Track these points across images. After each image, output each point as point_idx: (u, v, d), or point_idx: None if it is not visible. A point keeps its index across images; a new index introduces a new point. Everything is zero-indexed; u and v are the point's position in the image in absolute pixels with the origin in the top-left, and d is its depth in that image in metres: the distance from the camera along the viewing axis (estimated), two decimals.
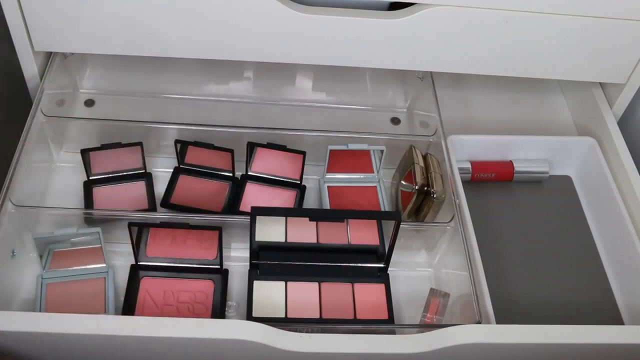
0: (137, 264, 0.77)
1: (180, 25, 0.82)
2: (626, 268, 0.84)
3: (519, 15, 0.83)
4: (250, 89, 0.99)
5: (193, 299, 0.76)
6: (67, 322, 0.64)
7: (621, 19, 0.84)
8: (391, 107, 0.99)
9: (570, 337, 0.70)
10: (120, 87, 0.96)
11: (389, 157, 0.88)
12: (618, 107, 0.95)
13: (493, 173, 0.92)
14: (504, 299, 0.80)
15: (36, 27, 0.82)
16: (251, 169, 0.88)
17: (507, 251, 0.86)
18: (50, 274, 0.77)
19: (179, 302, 0.76)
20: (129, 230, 0.73)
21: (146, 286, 0.77)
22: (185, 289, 0.77)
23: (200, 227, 0.75)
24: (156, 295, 0.76)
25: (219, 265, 0.77)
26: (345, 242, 0.80)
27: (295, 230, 0.80)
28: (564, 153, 0.94)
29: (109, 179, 0.86)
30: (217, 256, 0.77)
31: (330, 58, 0.87)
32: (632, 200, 0.86)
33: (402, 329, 0.76)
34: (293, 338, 0.67)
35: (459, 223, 0.79)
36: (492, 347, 0.70)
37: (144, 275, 0.77)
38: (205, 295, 0.76)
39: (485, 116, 1.00)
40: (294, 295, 0.77)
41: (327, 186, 0.88)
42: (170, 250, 0.78)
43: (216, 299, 0.76)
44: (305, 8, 0.82)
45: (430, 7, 0.81)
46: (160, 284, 0.77)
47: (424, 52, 0.86)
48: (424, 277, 0.83)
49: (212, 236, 0.76)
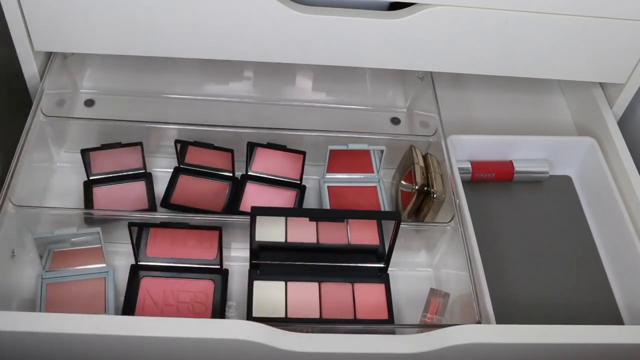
0: (137, 264, 0.77)
1: (181, 25, 0.82)
2: (626, 268, 0.84)
3: (519, 15, 0.83)
4: (250, 89, 0.99)
5: (193, 298, 0.76)
6: (67, 322, 0.64)
7: (621, 19, 0.84)
8: (391, 107, 0.99)
9: (570, 337, 0.70)
10: (120, 87, 0.96)
11: (389, 157, 0.88)
12: (618, 107, 0.95)
13: (493, 173, 0.92)
14: (504, 299, 0.80)
15: (36, 27, 0.82)
16: (251, 169, 0.88)
17: (507, 251, 0.86)
18: (50, 274, 0.77)
19: (179, 302, 0.76)
20: (129, 230, 0.73)
21: (146, 286, 0.76)
22: (185, 289, 0.77)
23: (200, 227, 0.75)
24: (156, 295, 0.76)
25: (219, 265, 0.77)
26: (345, 242, 0.80)
27: (295, 230, 0.80)
28: (564, 153, 0.94)
29: (109, 179, 0.86)
30: (217, 256, 0.77)
31: (330, 58, 0.87)
32: (632, 200, 0.86)
33: (402, 329, 0.76)
34: (293, 338, 0.67)
35: (459, 223, 0.79)
36: (492, 347, 0.70)
37: (144, 276, 0.77)
38: (205, 295, 0.76)
39: (485, 116, 1.00)
40: (294, 295, 0.77)
41: (327, 186, 0.88)
42: (170, 250, 0.78)
43: (216, 299, 0.76)
44: (305, 8, 0.82)
45: (430, 7, 0.81)
46: (160, 284, 0.77)
47: (424, 52, 0.86)
48: (424, 277, 0.83)
49: (212, 236, 0.76)
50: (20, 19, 0.81)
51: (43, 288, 0.75)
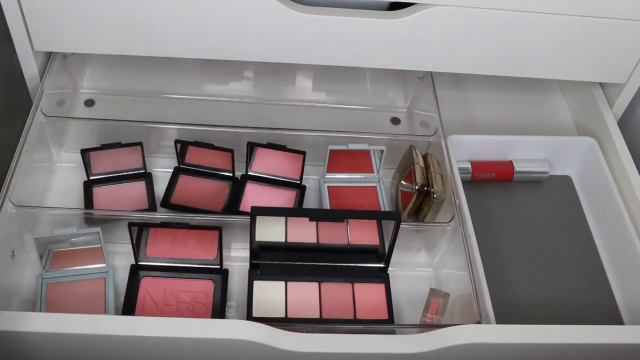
0: (137, 264, 0.77)
1: (181, 25, 0.82)
2: (626, 268, 0.84)
3: (519, 15, 0.83)
4: (250, 89, 0.99)
5: (193, 298, 0.76)
6: (67, 322, 0.65)
7: (621, 19, 0.84)
8: (391, 107, 0.99)
9: (570, 337, 0.70)
10: (120, 87, 0.96)
11: (389, 157, 0.88)
12: (618, 107, 0.95)
13: (493, 173, 0.92)
14: (503, 298, 0.80)
15: (36, 27, 0.82)
16: (251, 169, 0.88)
17: (507, 251, 0.86)
18: (50, 274, 0.77)
19: (179, 302, 0.76)
20: (129, 230, 0.73)
21: (146, 286, 0.76)
22: (185, 289, 0.77)
23: (200, 227, 0.75)
24: (156, 295, 0.76)
25: (219, 265, 0.77)
26: (345, 242, 0.81)
27: (295, 230, 0.80)
28: (564, 153, 0.94)
29: (109, 179, 0.86)
30: (217, 256, 0.77)
31: (330, 58, 0.87)
32: (632, 200, 0.86)
33: (402, 329, 0.76)
34: (293, 338, 0.67)
35: (459, 223, 0.79)
36: (492, 347, 0.70)
37: (144, 275, 0.77)
38: (205, 295, 0.76)
39: (485, 116, 1.00)
40: (294, 295, 0.77)
41: (327, 186, 0.88)
42: (170, 250, 0.78)
43: (216, 299, 0.76)
44: (305, 8, 0.82)
45: (430, 7, 0.81)
46: (160, 284, 0.77)
47: (424, 52, 0.86)
48: (424, 277, 0.83)
49: (213, 236, 0.76)
50: (20, 19, 0.81)
51: (43, 288, 0.76)
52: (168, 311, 0.75)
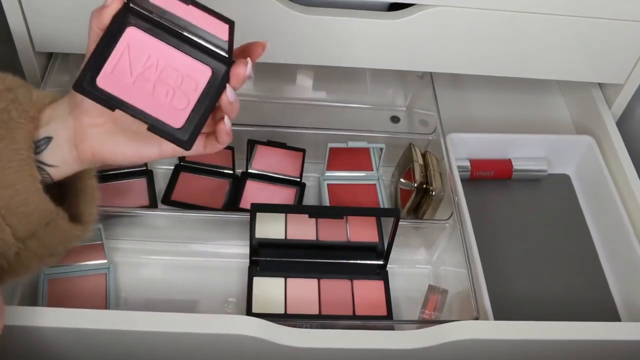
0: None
1: None
2: (623, 265, 0.84)
3: (519, 16, 0.83)
4: (251, 88, 0.99)
5: (179, 83, 0.57)
6: (68, 316, 0.65)
7: (620, 19, 0.84)
8: (391, 106, 1.00)
9: (568, 333, 0.70)
10: None
11: (388, 155, 0.88)
12: (617, 107, 0.95)
13: (492, 171, 0.92)
14: (502, 295, 0.80)
15: (37, 27, 0.82)
16: (251, 166, 0.88)
17: (505, 248, 0.87)
18: (51, 269, 0.77)
19: (159, 81, 0.57)
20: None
21: (129, 39, 0.57)
22: (174, 65, 0.57)
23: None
24: (136, 58, 0.57)
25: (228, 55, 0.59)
26: (344, 239, 0.81)
27: (295, 227, 0.80)
28: (563, 152, 0.94)
29: (110, 176, 0.86)
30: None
31: (330, 58, 0.87)
32: (630, 198, 0.86)
33: (401, 325, 0.76)
34: (293, 333, 0.67)
35: (457, 220, 0.80)
36: (489, 343, 0.70)
37: (132, 24, 0.57)
38: (195, 85, 0.57)
39: (484, 115, 1.01)
40: (293, 292, 0.77)
41: (327, 184, 0.89)
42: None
43: (206, 93, 0.57)
44: (305, 8, 0.82)
45: (430, 7, 0.81)
46: (148, 44, 0.57)
47: (423, 53, 0.86)
48: (423, 274, 0.84)
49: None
50: (21, 20, 0.81)
51: (44, 284, 0.76)
52: (139, 86, 0.57)
